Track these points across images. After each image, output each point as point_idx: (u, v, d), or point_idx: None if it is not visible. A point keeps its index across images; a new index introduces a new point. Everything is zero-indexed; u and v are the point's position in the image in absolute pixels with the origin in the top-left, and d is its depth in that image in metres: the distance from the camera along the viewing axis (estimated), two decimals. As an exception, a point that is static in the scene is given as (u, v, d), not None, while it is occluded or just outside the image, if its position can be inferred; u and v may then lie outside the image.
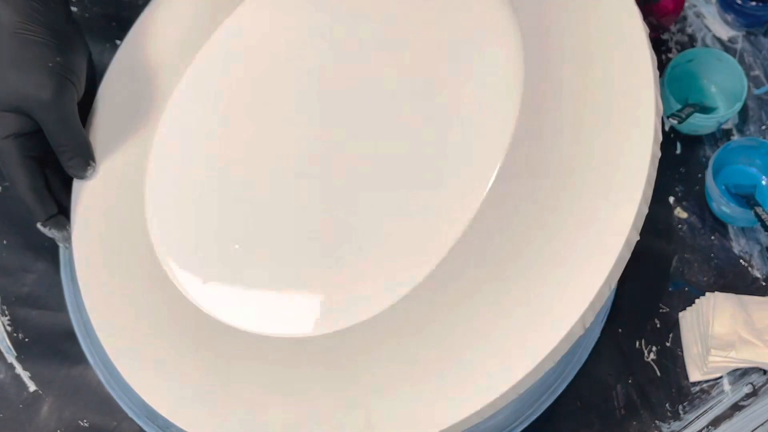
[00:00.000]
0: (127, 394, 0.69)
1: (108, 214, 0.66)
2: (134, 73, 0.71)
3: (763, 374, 0.68)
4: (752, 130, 0.77)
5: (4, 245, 0.77)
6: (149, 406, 0.68)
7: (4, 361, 0.73)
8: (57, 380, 0.72)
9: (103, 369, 0.70)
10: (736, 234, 0.73)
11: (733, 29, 0.82)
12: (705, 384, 0.68)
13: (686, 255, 0.73)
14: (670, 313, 0.71)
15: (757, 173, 0.74)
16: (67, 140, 0.61)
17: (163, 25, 0.73)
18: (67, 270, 0.73)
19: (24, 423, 0.70)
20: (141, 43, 0.73)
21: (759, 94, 0.79)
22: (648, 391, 0.68)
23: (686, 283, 0.72)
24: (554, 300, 0.53)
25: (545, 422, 0.67)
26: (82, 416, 0.70)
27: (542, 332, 0.53)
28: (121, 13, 0.86)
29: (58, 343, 0.73)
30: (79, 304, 0.72)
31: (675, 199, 0.75)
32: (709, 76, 0.78)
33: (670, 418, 0.67)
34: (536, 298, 0.54)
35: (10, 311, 0.75)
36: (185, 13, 0.73)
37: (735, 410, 0.67)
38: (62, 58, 0.61)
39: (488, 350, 0.53)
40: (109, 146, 0.67)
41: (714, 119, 0.74)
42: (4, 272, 0.76)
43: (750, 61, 0.80)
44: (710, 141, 0.77)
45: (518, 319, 0.54)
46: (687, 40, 0.82)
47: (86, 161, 0.63)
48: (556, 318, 0.53)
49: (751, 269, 0.72)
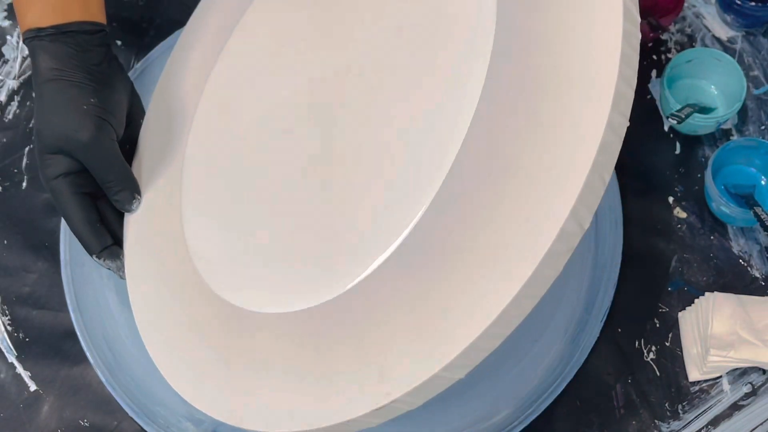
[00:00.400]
0: (127, 394, 0.69)
1: (152, 236, 0.68)
2: (168, 105, 0.74)
3: (762, 374, 0.68)
4: (751, 130, 0.77)
5: (5, 245, 0.77)
6: (149, 406, 0.69)
7: (4, 361, 0.73)
8: (57, 380, 0.72)
9: (104, 369, 0.70)
10: (735, 234, 0.73)
11: (733, 29, 0.82)
12: (704, 383, 0.68)
13: (685, 255, 0.73)
14: (670, 312, 0.71)
15: (756, 173, 0.74)
16: (110, 176, 0.64)
17: (189, 53, 0.76)
18: (68, 270, 0.74)
19: (24, 422, 0.71)
20: (173, 76, 0.75)
21: (758, 94, 0.79)
22: (647, 390, 0.68)
23: (685, 283, 0.72)
24: (542, 202, 0.51)
25: (545, 422, 0.68)
26: (83, 416, 0.71)
27: (535, 236, 0.51)
28: (121, 13, 0.87)
29: (58, 342, 0.73)
30: (80, 304, 0.72)
31: (674, 199, 0.75)
32: (709, 76, 0.78)
33: (670, 418, 0.68)
34: (527, 205, 0.52)
35: (11, 311, 0.75)
36: (204, 38, 0.75)
37: (734, 410, 0.67)
38: (97, 99, 0.63)
39: (485, 270, 0.52)
40: (151, 177, 0.70)
41: (713, 119, 0.74)
42: (4, 272, 0.76)
43: (749, 62, 0.80)
44: (709, 141, 0.77)
45: (510, 229, 0.52)
46: (686, 40, 0.82)
47: (132, 195, 0.66)
48: (546, 218, 0.51)
49: (750, 269, 0.72)
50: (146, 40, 0.85)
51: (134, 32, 0.86)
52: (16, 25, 0.87)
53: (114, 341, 0.71)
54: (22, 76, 0.85)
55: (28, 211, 0.78)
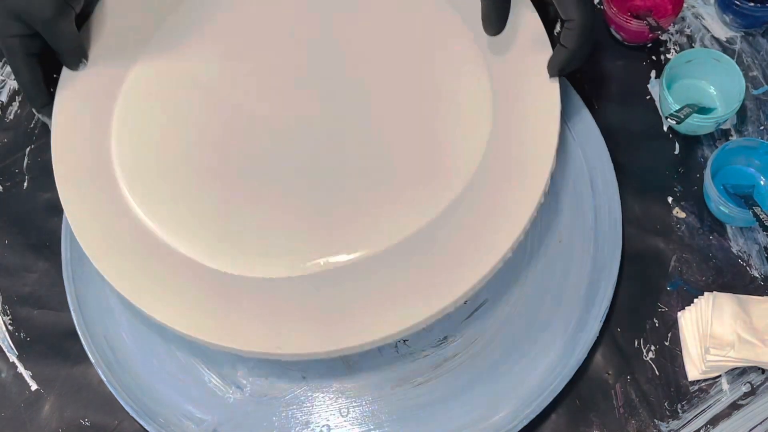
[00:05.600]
0: (128, 393, 0.69)
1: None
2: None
3: (761, 373, 0.68)
4: (750, 130, 0.78)
5: (6, 245, 0.77)
6: (150, 405, 0.69)
7: (5, 361, 0.73)
8: (58, 379, 0.72)
9: (105, 368, 0.70)
10: (734, 234, 0.74)
11: (732, 30, 0.82)
12: (703, 383, 0.69)
13: (685, 255, 0.73)
14: (669, 312, 0.71)
15: (755, 173, 0.75)
16: (63, 46, 0.69)
17: None
18: (69, 269, 0.74)
19: (25, 422, 0.71)
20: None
21: (757, 95, 0.79)
22: (647, 390, 0.69)
23: (685, 283, 0.72)
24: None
25: (545, 421, 0.68)
26: (84, 415, 0.71)
27: None
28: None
29: (59, 342, 0.73)
30: (81, 303, 0.73)
31: (673, 199, 0.75)
32: (708, 76, 0.78)
33: (669, 417, 0.68)
34: None
35: (12, 311, 0.75)
36: None
37: (733, 409, 0.68)
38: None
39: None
40: (97, 53, 0.72)
41: (712, 120, 0.74)
42: (5, 272, 0.76)
43: (748, 62, 0.80)
44: (709, 141, 0.77)
45: None
46: (685, 40, 0.82)
47: (79, 59, 0.71)
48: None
49: (749, 269, 0.72)
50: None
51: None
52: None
53: (115, 341, 0.71)
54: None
55: (29, 211, 0.79)
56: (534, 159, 0.64)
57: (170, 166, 0.67)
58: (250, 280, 0.62)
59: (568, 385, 0.67)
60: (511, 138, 0.65)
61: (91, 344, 0.71)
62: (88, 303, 0.73)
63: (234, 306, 0.62)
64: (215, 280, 0.62)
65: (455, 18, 0.69)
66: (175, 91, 0.70)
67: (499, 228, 0.62)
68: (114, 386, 0.69)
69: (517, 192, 0.63)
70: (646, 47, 0.82)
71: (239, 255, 0.63)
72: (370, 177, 0.65)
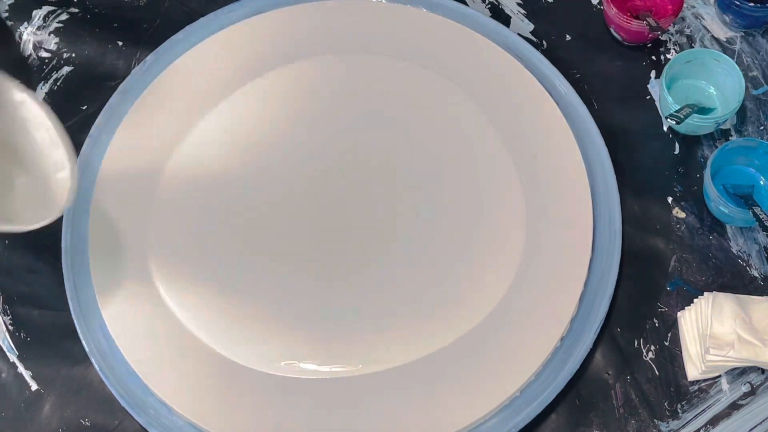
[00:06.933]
0: (128, 393, 0.69)
1: None
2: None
3: (761, 373, 0.68)
4: (750, 130, 0.78)
5: (7, 245, 0.77)
6: (150, 405, 0.69)
7: (6, 361, 0.73)
8: (59, 379, 0.72)
9: (105, 368, 0.70)
10: (734, 234, 0.74)
11: (732, 30, 0.82)
12: (703, 383, 0.69)
13: (684, 255, 0.73)
14: (669, 312, 0.71)
15: (755, 173, 0.75)
16: None
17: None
18: (69, 270, 0.74)
19: (26, 422, 0.71)
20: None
21: (757, 95, 0.79)
22: (646, 390, 0.69)
23: (684, 283, 0.72)
24: None
25: (545, 421, 0.68)
26: (84, 415, 0.71)
27: None
28: (122, 14, 0.87)
29: (59, 342, 0.73)
30: (81, 303, 0.72)
31: (673, 199, 0.75)
32: (708, 76, 0.78)
33: (669, 417, 0.68)
34: None
35: (12, 311, 0.75)
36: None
37: (733, 409, 0.68)
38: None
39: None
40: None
41: (712, 120, 0.74)
42: (6, 272, 0.76)
43: (748, 62, 0.80)
44: (708, 141, 0.77)
45: None
46: (685, 41, 0.82)
47: None
48: None
49: (749, 269, 0.72)
50: (147, 41, 0.85)
51: (135, 33, 0.86)
52: (17, 27, 0.87)
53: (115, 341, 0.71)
54: (23, 77, 0.85)
55: (30, 211, 0.78)
56: (556, 300, 0.69)
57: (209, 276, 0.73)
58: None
59: (568, 385, 0.67)
60: (538, 270, 0.71)
61: (92, 344, 0.71)
62: (88, 303, 0.72)
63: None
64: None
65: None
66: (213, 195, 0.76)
67: (511, 370, 0.67)
68: (114, 386, 0.69)
69: (534, 335, 0.68)
70: (645, 47, 0.82)
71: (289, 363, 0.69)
72: (396, 294, 0.71)
